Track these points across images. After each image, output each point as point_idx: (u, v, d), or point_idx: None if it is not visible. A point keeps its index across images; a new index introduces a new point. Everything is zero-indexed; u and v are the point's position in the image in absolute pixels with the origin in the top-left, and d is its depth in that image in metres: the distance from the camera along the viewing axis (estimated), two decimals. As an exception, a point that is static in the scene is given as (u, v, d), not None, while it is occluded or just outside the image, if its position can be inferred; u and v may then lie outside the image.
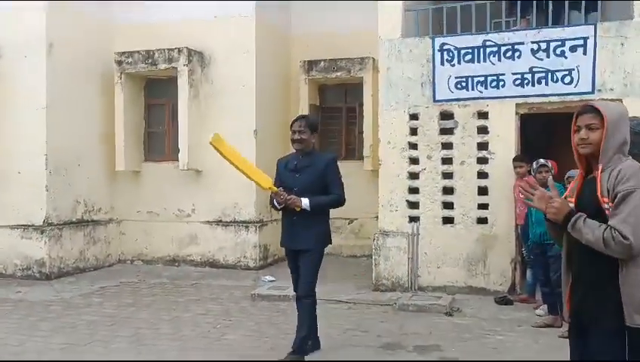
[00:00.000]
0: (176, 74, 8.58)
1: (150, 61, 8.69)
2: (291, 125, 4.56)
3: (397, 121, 7.11)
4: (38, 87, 7.87)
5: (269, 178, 4.43)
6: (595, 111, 2.30)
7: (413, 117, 7.08)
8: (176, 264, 8.95)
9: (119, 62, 8.76)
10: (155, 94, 9.26)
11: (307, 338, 4.53)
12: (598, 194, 2.21)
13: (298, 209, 4.30)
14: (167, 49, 8.59)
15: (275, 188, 4.33)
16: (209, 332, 5.34)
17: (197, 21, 8.75)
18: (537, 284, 6.20)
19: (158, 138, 9.31)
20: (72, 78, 8.26)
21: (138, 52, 8.70)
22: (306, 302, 4.50)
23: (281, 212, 4.53)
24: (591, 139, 2.29)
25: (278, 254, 9.32)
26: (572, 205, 2.35)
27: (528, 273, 6.47)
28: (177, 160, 8.65)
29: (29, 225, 7.92)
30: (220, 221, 8.82)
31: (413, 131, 7.09)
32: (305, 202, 4.31)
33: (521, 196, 2.46)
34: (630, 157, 2.31)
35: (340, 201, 4.49)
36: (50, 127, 7.92)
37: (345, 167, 9.44)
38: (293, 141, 4.51)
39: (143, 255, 9.17)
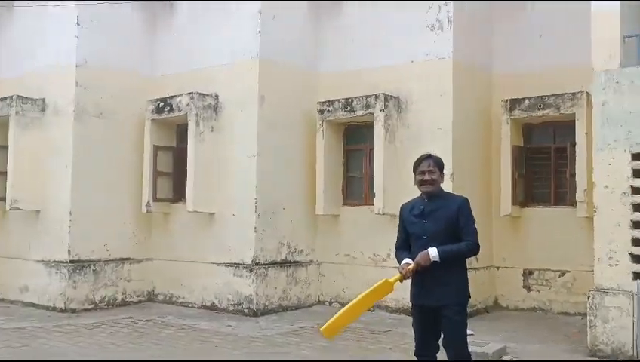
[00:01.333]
0: (373, 119, 8.75)
1: (349, 108, 9.01)
2: (417, 166, 4.15)
3: (616, 161, 6.22)
4: (251, 136, 8.68)
5: (385, 280, 4.04)
6: None
7: (637, 156, 6.12)
8: (372, 309, 8.88)
9: (321, 111, 9.25)
10: (354, 140, 9.56)
11: None
12: None
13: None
14: (365, 96, 8.83)
15: (399, 276, 3.94)
16: (398, 386, 5.12)
17: (393, 66, 8.87)
18: None
19: (356, 182, 9.54)
20: (279, 127, 8.95)
21: (338, 100, 9.10)
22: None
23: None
24: None
25: (478, 306, 8.73)
26: None
27: None
28: (373, 204, 8.72)
29: (241, 264, 8.63)
30: (416, 267, 8.59)
31: (637, 173, 6.12)
32: (433, 254, 3.84)
33: None
34: None
35: (473, 250, 3.96)
36: (259, 173, 8.64)
37: (555, 214, 8.74)
38: (423, 182, 4.09)
39: (340, 297, 9.33)
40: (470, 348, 6.35)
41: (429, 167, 4.09)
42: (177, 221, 9.42)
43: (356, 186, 9.52)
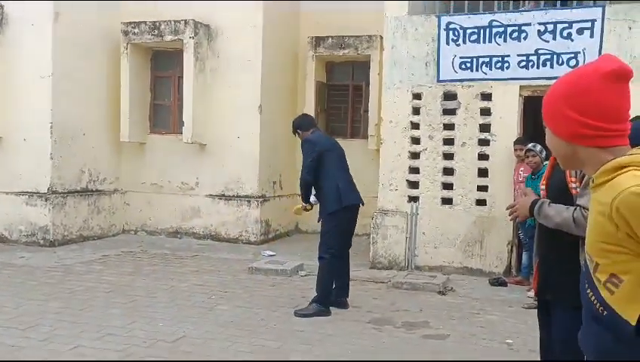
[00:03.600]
0: (182, 46, 8.58)
1: (156, 32, 8.68)
2: None
3: (400, 100, 7.08)
4: (44, 55, 7.92)
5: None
6: None
7: (417, 96, 7.05)
8: (179, 236, 9.06)
9: (125, 33, 8.76)
10: (162, 66, 9.29)
11: (318, 295, 5.11)
12: (568, 174, 2.23)
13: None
14: (174, 20, 8.57)
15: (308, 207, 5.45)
16: (203, 302, 5.43)
17: (205, -7, 8.71)
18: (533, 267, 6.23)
19: (164, 110, 9.36)
20: (78, 47, 8.29)
21: (144, 22, 8.69)
22: (319, 261, 5.24)
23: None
24: None
25: (279, 230, 9.40)
26: (543, 188, 2.40)
27: (524, 255, 6.48)
28: (182, 133, 8.69)
29: (34, 193, 8.04)
30: (223, 195, 8.89)
31: (416, 111, 7.07)
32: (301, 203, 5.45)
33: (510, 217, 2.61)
34: None
35: (300, 182, 5.26)
36: (55, 97, 7.99)
37: (350, 146, 9.51)
38: None
39: (146, 226, 9.28)
40: (271, 266, 6.95)
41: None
42: (-46, 146, 8.33)
43: (164, 114, 9.34)
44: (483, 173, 6.84)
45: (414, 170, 7.09)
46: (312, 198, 5.33)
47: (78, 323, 4.65)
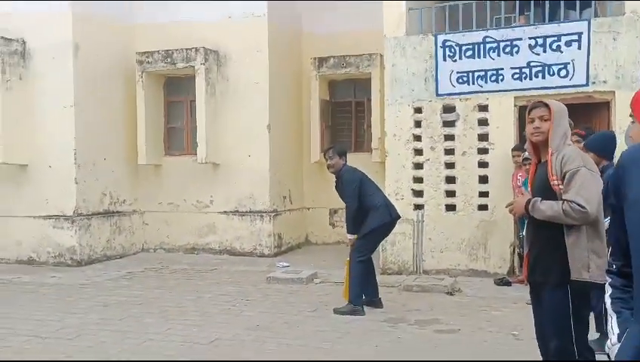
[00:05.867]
0: (194, 72, 9.08)
1: (169, 60, 9.20)
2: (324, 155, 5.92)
3: (402, 114, 7.55)
4: (66, 86, 8.42)
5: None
6: (545, 105, 2.79)
7: (418, 110, 7.51)
8: (196, 252, 9.49)
9: (140, 62, 9.27)
10: (174, 92, 9.79)
11: (351, 296, 5.56)
12: (549, 172, 2.69)
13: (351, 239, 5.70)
14: (185, 49, 9.08)
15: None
16: (229, 309, 5.85)
17: (213, 21, 9.23)
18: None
19: (177, 133, 9.84)
20: (97, 77, 8.81)
21: (158, 52, 9.21)
22: (352, 266, 5.65)
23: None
24: (543, 128, 2.77)
25: (291, 242, 9.83)
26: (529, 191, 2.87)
27: (526, 256, 6.88)
28: (196, 154, 9.16)
29: (61, 216, 8.50)
30: (237, 211, 9.33)
31: (418, 124, 7.52)
32: (347, 235, 5.76)
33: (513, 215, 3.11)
34: (572, 144, 2.80)
35: (348, 210, 5.61)
36: (77, 124, 8.48)
37: (354, 159, 9.88)
38: (327, 167, 5.81)
39: (164, 244, 9.72)
40: (288, 275, 7.38)
41: (327, 154, 5.74)
42: (-17, 174, 8.81)
43: (178, 137, 9.83)
44: (483, 179, 7.28)
45: (418, 180, 7.53)
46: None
47: (119, 331, 5.08)
